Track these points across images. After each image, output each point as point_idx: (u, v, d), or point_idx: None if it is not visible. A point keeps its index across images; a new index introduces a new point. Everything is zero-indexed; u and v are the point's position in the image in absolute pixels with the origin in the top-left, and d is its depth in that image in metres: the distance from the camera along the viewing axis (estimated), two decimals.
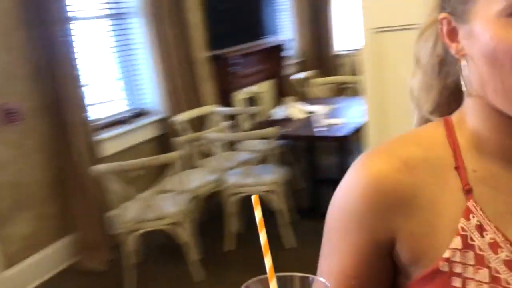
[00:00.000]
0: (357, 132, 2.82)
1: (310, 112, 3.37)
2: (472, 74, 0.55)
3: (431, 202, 0.56)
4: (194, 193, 2.90)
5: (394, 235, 0.57)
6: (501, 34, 0.50)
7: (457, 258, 0.54)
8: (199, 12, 3.88)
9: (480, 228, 0.55)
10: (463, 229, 0.55)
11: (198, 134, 3.24)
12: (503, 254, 0.53)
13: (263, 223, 0.44)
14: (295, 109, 3.50)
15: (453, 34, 0.56)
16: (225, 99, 4.04)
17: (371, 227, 0.57)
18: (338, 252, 0.59)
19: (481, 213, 0.55)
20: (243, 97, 4.22)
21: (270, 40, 4.90)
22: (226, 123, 3.51)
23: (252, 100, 4.33)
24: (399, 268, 0.59)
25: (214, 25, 4.01)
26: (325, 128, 3.07)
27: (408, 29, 1.60)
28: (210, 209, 3.15)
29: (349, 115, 3.28)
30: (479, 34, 0.52)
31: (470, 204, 0.56)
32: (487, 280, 0.53)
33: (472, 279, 0.53)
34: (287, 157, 3.34)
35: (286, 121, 3.37)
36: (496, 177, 0.57)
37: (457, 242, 0.54)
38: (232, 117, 3.72)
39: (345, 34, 5.82)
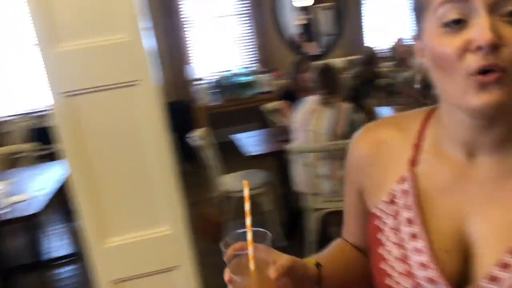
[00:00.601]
0: (48, 206, 2.61)
1: None
2: (433, 78, 0.64)
3: (385, 168, 0.74)
4: None
5: (362, 187, 0.79)
6: (438, 42, 0.60)
7: (384, 208, 0.72)
8: None
9: (405, 195, 0.70)
10: (393, 190, 0.72)
11: None
12: (419, 241, 0.66)
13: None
14: None
15: (421, 51, 0.66)
16: None
17: (352, 180, 0.81)
18: (345, 194, 0.85)
19: (413, 185, 0.70)
20: None
21: None
22: None
23: None
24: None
25: None
26: (8, 209, 2.70)
27: (100, 90, 1.70)
28: None
29: (33, 187, 3.00)
30: (427, 46, 0.63)
31: (409, 173, 0.71)
32: (398, 253, 0.68)
33: (389, 227, 0.71)
34: None
35: None
36: (446, 161, 0.68)
37: (386, 198, 0.73)
38: None
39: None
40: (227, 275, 0.66)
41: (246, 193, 0.67)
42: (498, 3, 0.56)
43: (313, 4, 6.15)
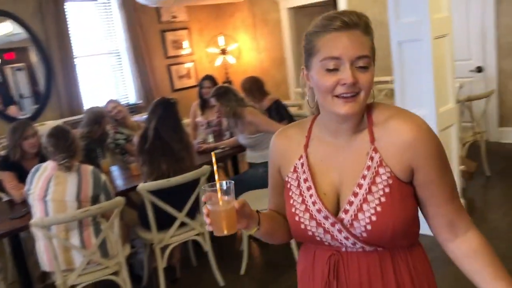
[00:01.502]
0: None
1: None
2: (316, 96, 1.10)
3: (291, 152, 1.17)
4: None
5: (279, 165, 1.21)
6: (321, 77, 1.04)
7: (291, 176, 1.16)
8: None
9: (302, 166, 1.14)
10: (295, 164, 1.16)
11: None
12: (311, 190, 1.11)
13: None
14: None
15: (308, 76, 1.11)
16: None
17: (274, 162, 1.23)
18: (269, 175, 1.28)
19: (306, 159, 1.14)
20: None
21: None
22: None
23: None
24: None
25: None
26: None
27: None
28: None
29: None
30: (313, 76, 1.07)
31: (303, 153, 1.15)
32: (300, 200, 1.12)
33: (295, 186, 1.15)
34: None
35: None
36: (324, 143, 1.13)
37: (292, 169, 1.16)
38: None
39: None
40: (205, 210, 1.06)
41: (214, 160, 1.16)
42: (355, 60, 1.01)
43: (2, 65, 5.57)
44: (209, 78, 4.72)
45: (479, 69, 5.37)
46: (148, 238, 3.02)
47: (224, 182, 1.06)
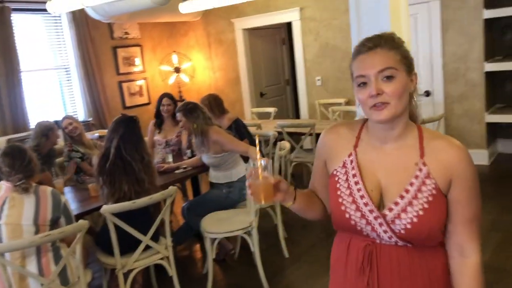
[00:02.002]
0: None
1: None
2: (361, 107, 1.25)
3: (340, 149, 1.33)
4: None
5: (326, 159, 1.38)
6: (356, 92, 1.23)
7: (339, 170, 1.31)
8: None
9: (351, 163, 1.29)
10: (345, 160, 1.31)
11: None
12: (359, 185, 1.26)
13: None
14: None
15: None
16: None
17: (321, 155, 1.40)
18: (314, 165, 1.46)
19: (355, 157, 1.29)
20: None
21: None
22: None
23: None
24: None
25: None
26: None
27: None
28: None
29: None
30: (355, 93, 1.25)
31: (353, 151, 1.31)
32: (347, 192, 1.27)
33: (343, 180, 1.29)
34: None
35: None
36: (371, 146, 1.28)
37: (341, 164, 1.31)
38: None
39: None
40: (247, 183, 1.25)
41: (257, 141, 1.29)
42: (379, 74, 1.18)
43: None
44: (168, 95, 4.62)
45: (427, 93, 5.64)
46: (110, 263, 2.86)
47: (263, 160, 1.23)
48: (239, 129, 4.27)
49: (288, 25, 7.05)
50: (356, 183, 1.25)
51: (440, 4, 5.39)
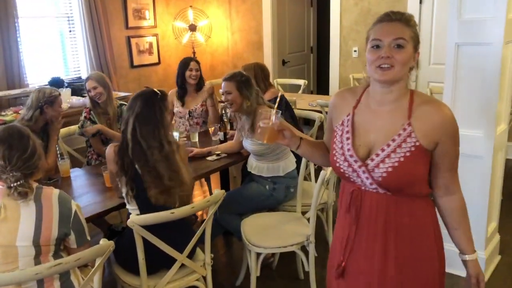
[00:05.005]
0: None
1: None
2: (367, 67, 1.45)
3: (342, 109, 1.56)
4: None
5: (332, 117, 1.61)
6: (368, 53, 1.44)
7: (338, 126, 1.54)
8: None
9: (348, 121, 1.52)
10: (343, 119, 1.54)
11: None
12: (349, 140, 1.49)
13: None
14: None
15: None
16: None
17: (330, 114, 1.63)
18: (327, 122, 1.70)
19: (352, 117, 1.51)
20: None
21: None
22: None
23: None
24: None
25: None
26: None
27: None
28: None
29: None
30: (366, 54, 1.44)
31: (351, 112, 1.52)
32: (340, 145, 1.51)
33: (338, 135, 1.53)
34: None
35: None
36: (369, 109, 1.50)
37: (340, 122, 1.55)
38: None
39: None
40: (257, 125, 1.58)
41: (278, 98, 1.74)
42: (392, 41, 1.38)
43: None
44: (195, 59, 3.85)
45: None
46: (134, 284, 2.18)
47: (274, 110, 1.53)
48: (288, 107, 3.54)
49: None
50: (348, 138, 1.49)
51: None
